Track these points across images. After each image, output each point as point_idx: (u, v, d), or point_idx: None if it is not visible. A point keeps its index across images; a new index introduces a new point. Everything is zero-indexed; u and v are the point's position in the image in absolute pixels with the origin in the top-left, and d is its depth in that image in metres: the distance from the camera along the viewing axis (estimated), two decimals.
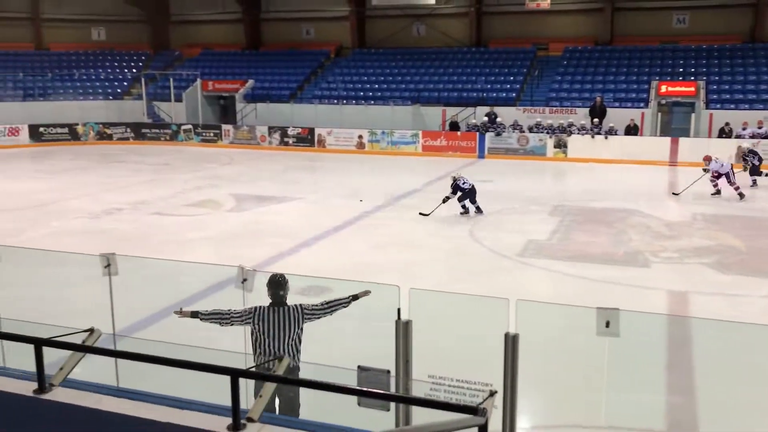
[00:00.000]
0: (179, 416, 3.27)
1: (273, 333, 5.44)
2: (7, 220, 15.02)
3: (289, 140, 28.49)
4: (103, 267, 5.41)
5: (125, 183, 20.14)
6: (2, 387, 3.86)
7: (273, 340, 5.43)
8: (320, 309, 5.73)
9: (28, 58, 34.10)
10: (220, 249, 12.84)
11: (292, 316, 5.53)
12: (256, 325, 5.48)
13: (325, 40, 34.33)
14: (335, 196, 18.06)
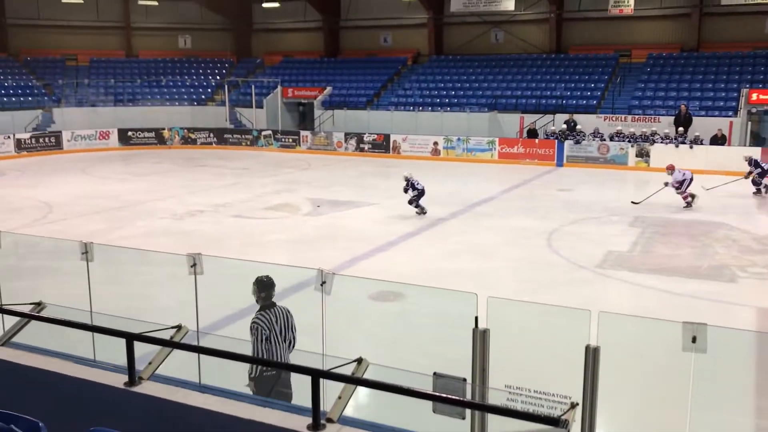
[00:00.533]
0: (261, 414, 3.36)
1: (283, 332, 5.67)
2: (98, 220, 15.77)
3: (364, 146, 28.77)
4: (189, 266, 5.61)
5: (207, 186, 20.81)
6: (94, 379, 4.07)
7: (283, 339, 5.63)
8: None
9: (119, 65, 35.72)
10: (296, 252, 13.09)
11: (286, 313, 5.83)
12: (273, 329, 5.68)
13: (403, 47, 34.51)
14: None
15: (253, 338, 5.66)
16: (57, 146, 29.01)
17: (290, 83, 33.43)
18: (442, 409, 3.87)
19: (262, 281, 5.80)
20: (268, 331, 5.69)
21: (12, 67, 33.62)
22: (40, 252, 10.94)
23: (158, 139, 31.28)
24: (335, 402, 3.39)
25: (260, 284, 5.79)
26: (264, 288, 5.79)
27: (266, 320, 5.71)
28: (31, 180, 22.00)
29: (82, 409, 3.93)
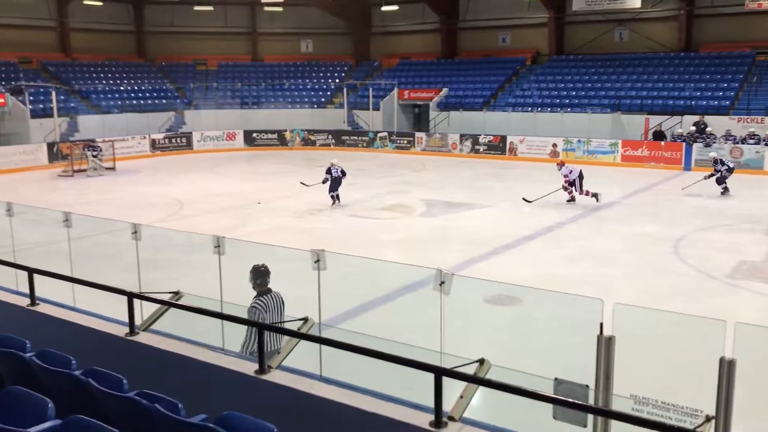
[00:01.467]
0: (384, 408, 3.43)
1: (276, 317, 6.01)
2: (224, 216, 16.59)
3: (480, 148, 28.56)
4: (313, 262, 5.80)
5: (326, 186, 21.34)
6: (226, 365, 4.30)
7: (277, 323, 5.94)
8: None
9: (246, 69, 37.38)
10: (410, 252, 13.19)
11: (280, 299, 6.18)
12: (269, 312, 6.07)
13: (522, 47, 33.98)
14: (527, 204, 17.80)
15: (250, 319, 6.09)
16: (188, 146, 30.76)
17: (406, 85, 33.74)
18: (563, 415, 3.79)
19: (258, 269, 6.27)
20: (265, 314, 6.08)
21: (149, 72, 35.99)
22: (174, 245, 11.65)
23: (280, 140, 32.47)
24: (457, 401, 3.41)
25: (257, 272, 6.27)
26: (260, 275, 6.25)
27: (263, 305, 6.11)
28: (164, 178, 23.45)
29: (215, 393, 4.17)
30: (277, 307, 6.20)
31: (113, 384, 3.71)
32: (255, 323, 5.53)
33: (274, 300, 6.24)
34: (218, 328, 6.46)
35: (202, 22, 36.97)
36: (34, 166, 25.17)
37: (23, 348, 4.39)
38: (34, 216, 12.38)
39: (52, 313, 5.52)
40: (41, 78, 31.46)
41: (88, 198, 19.35)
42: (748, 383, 4.19)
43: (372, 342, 4.20)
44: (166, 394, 3.65)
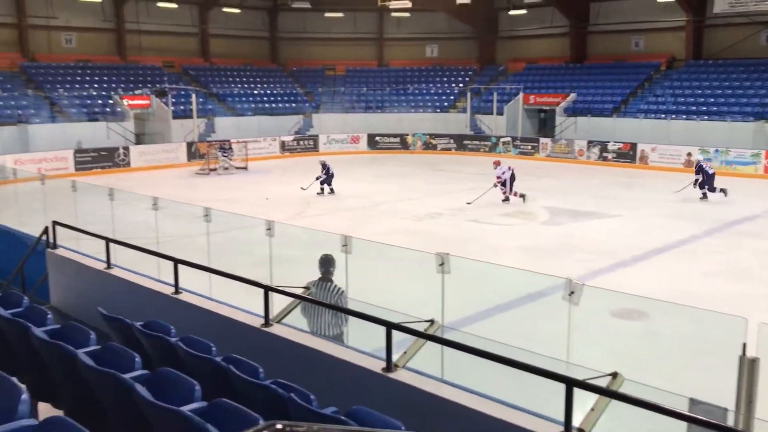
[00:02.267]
0: (512, 415, 3.42)
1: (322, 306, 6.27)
2: (348, 217, 17.01)
3: (608, 155, 27.58)
4: (437, 264, 5.85)
5: (446, 190, 21.41)
6: (355, 361, 4.42)
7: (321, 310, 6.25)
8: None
9: (372, 74, 38.13)
10: (531, 260, 12.95)
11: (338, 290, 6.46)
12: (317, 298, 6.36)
13: (656, 52, 32.49)
14: (657, 215, 17.02)
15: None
16: (314, 148, 31.78)
17: (532, 90, 33.16)
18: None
19: (322, 258, 6.62)
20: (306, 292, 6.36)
21: (280, 77, 37.52)
22: (301, 242, 12.08)
23: (402, 144, 32.85)
24: (588, 414, 3.34)
25: (321, 260, 6.62)
26: (322, 264, 6.59)
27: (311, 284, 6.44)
28: (292, 178, 24.34)
29: (343, 387, 4.30)
30: (325, 296, 6.42)
31: (250, 371, 3.91)
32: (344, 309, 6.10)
33: (326, 289, 6.49)
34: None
35: (332, 28, 38.07)
36: (175, 164, 26.90)
37: (169, 333, 4.72)
38: (174, 210, 13.24)
39: (194, 302, 5.89)
40: (182, 81, 33.57)
41: (220, 195, 20.43)
42: None
43: (496, 347, 4.18)
44: (297, 385, 3.81)
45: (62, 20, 31.29)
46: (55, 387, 3.74)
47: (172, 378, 3.48)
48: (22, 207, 14.01)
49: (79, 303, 7.25)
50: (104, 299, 6.53)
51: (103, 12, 32.46)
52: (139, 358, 3.80)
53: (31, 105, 27.57)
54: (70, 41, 32.24)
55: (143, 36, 33.67)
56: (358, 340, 6.63)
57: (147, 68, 33.30)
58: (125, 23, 33.28)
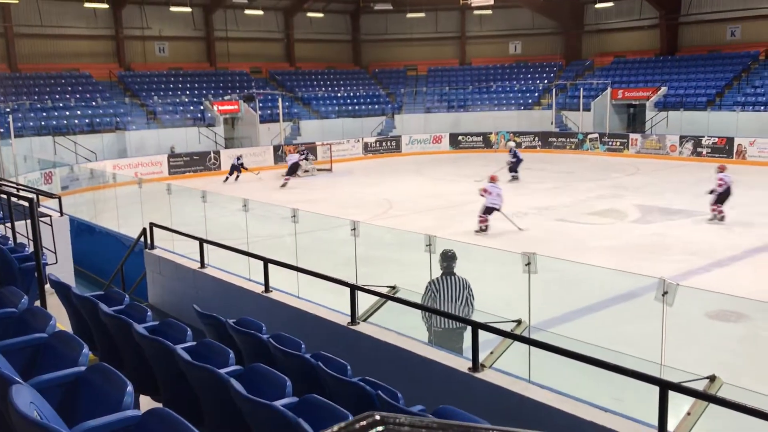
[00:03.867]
0: (603, 418, 3.34)
1: (454, 296, 6.66)
2: (430, 217, 17.01)
3: (702, 150, 26.42)
4: (524, 264, 5.77)
5: (531, 189, 21.06)
6: (442, 361, 4.43)
7: (453, 300, 6.60)
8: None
9: (453, 73, 37.95)
10: (621, 260, 12.56)
11: (463, 282, 6.79)
12: (441, 291, 6.72)
13: (754, 41, 30.84)
14: (756, 213, 16.17)
15: (425, 296, 6.76)
16: (396, 149, 31.95)
17: (620, 84, 32.15)
18: None
19: (444, 253, 6.86)
20: (437, 292, 6.73)
21: (363, 79, 37.91)
22: (385, 242, 12.20)
23: (485, 143, 32.54)
24: (684, 418, 3.22)
25: (442, 256, 6.83)
26: (443, 259, 6.82)
27: (435, 285, 6.78)
28: (375, 179, 24.57)
29: (429, 386, 4.31)
30: (454, 290, 6.73)
31: (338, 368, 3.99)
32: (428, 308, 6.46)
33: (453, 283, 6.76)
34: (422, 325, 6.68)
35: (413, 28, 38.16)
36: (263, 167, 27.65)
37: (260, 330, 4.87)
38: (262, 212, 13.62)
39: (283, 300, 6.05)
40: (269, 86, 34.47)
41: (307, 196, 20.85)
42: None
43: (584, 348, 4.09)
44: (384, 383, 3.85)
45: (155, 30, 32.74)
46: (156, 381, 3.93)
47: (264, 374, 3.59)
48: (121, 210, 14.74)
49: (175, 301, 7.58)
50: (198, 297, 6.81)
51: (193, 21, 33.74)
52: (233, 354, 3.94)
53: (128, 112, 28.99)
54: (163, 50, 33.69)
55: (231, 43, 34.79)
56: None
57: (235, 74, 34.38)
58: (214, 31, 34.48)
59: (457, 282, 6.74)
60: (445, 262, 6.83)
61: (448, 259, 6.83)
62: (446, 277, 6.77)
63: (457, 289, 6.68)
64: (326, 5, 37.46)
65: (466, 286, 6.72)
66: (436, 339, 6.50)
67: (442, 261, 6.84)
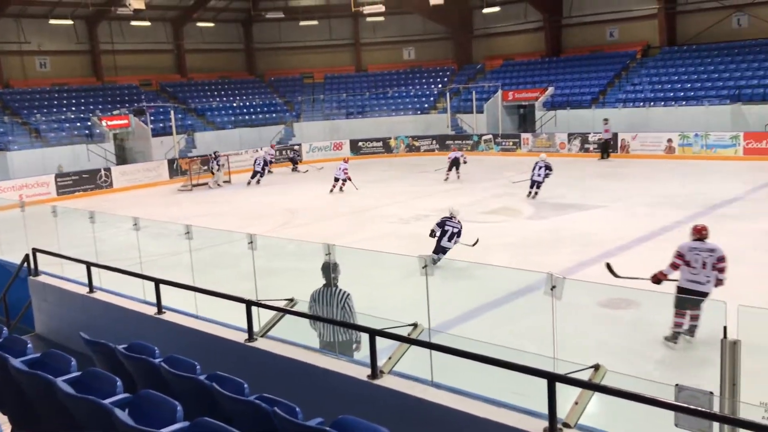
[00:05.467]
0: (496, 413, 3.41)
1: (326, 309, 6.42)
2: (334, 224, 16.99)
3: (589, 146, 27.72)
4: (420, 267, 5.84)
5: (431, 191, 21.44)
6: (341, 370, 4.40)
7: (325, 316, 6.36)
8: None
9: (350, 80, 38.14)
10: (519, 256, 13.00)
11: (341, 296, 6.48)
12: (315, 304, 6.50)
13: (631, 41, 32.71)
14: (640, 204, 17.11)
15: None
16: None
17: (510, 86, 33.28)
18: (686, 422, 3.63)
19: (326, 265, 6.61)
20: (314, 303, 6.56)
21: (259, 88, 37.46)
22: (286, 253, 12.05)
23: (385, 147, 32.88)
24: (572, 407, 3.34)
25: (323, 267, 6.62)
26: (325, 270, 6.62)
27: (316, 294, 6.59)
28: (277, 188, 24.30)
29: (329, 397, 4.28)
30: (329, 303, 6.50)
31: (235, 388, 3.89)
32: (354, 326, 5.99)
33: (331, 296, 6.54)
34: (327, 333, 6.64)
35: (307, 36, 38.07)
36: (157, 182, 26.77)
37: (153, 354, 4.68)
38: (157, 229, 13.16)
39: (177, 321, 5.85)
40: (160, 98, 33.43)
41: (207, 210, 20.35)
42: None
43: (481, 347, 4.18)
44: (283, 398, 3.79)
45: (34, 45, 31.11)
46: (37, 416, 3.70)
47: (154, 400, 3.45)
48: (3, 236, 13.87)
49: (63, 329, 7.20)
50: (88, 324, 6.48)
51: (76, 34, 32.30)
52: (121, 382, 3.76)
53: (8, 131, 27.36)
54: (45, 65, 32.05)
55: (118, 56, 33.54)
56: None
57: (124, 88, 33.16)
58: (99, 44, 33.12)
59: (334, 295, 6.52)
60: (326, 273, 6.63)
61: (328, 270, 6.62)
62: (326, 288, 6.58)
63: (335, 303, 6.46)
64: (216, 15, 36.79)
65: (342, 299, 6.49)
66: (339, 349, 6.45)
67: (323, 272, 6.65)
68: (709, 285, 7.73)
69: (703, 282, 7.69)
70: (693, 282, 7.79)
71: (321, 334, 6.60)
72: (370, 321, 4.49)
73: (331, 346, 6.36)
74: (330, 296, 6.54)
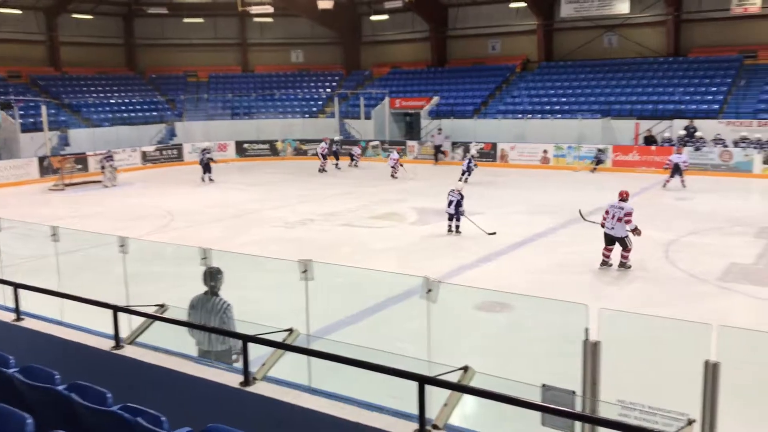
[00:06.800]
0: (368, 417, 3.42)
1: (205, 319, 6.17)
2: (216, 228, 16.55)
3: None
4: (300, 272, 5.78)
5: (318, 196, 21.37)
6: (212, 378, 4.27)
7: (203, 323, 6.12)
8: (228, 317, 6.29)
9: (236, 80, 37.41)
10: (402, 261, 13.19)
11: (220, 306, 6.23)
12: (193, 311, 6.27)
13: (511, 55, 34.13)
14: (517, 212, 17.83)
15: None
16: (179, 158, 30.73)
17: (398, 94, 33.81)
18: (551, 421, 3.78)
19: (209, 272, 6.38)
20: (192, 309, 6.29)
21: (139, 85, 35.99)
22: (163, 258, 11.61)
23: (272, 150, 32.48)
24: (441, 409, 3.40)
25: (205, 275, 6.39)
26: (206, 278, 6.37)
27: (195, 302, 6.33)
28: (156, 190, 23.40)
29: (199, 406, 4.14)
30: (210, 310, 6.26)
31: (97, 398, 3.68)
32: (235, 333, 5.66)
33: (211, 305, 6.29)
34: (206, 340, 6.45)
35: (192, 34, 37.01)
36: (26, 181, 25.09)
37: (6, 364, 4.35)
38: (24, 231, 12.32)
39: (38, 328, 5.48)
40: (31, 92, 31.40)
41: (80, 211, 19.28)
42: (734, 387, 4.19)
43: (358, 352, 4.19)
44: (150, 408, 3.62)
45: None
46: None
47: (2, 413, 3.20)
48: None
49: None
50: None
51: None
52: None
53: None
54: None
55: None
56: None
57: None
58: None
59: (214, 304, 6.26)
60: (206, 281, 6.34)
61: (209, 278, 6.34)
62: (206, 296, 6.31)
63: (213, 311, 6.20)
64: (95, 6, 35.05)
65: (221, 309, 6.23)
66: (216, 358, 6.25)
67: (204, 280, 6.38)
68: (615, 231, 11.79)
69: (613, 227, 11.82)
70: (610, 229, 11.86)
71: (199, 342, 6.38)
72: (245, 327, 4.39)
73: (209, 355, 6.17)
74: (209, 305, 6.31)
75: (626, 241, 11.77)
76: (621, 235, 11.72)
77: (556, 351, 7.72)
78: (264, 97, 35.89)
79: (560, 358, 7.55)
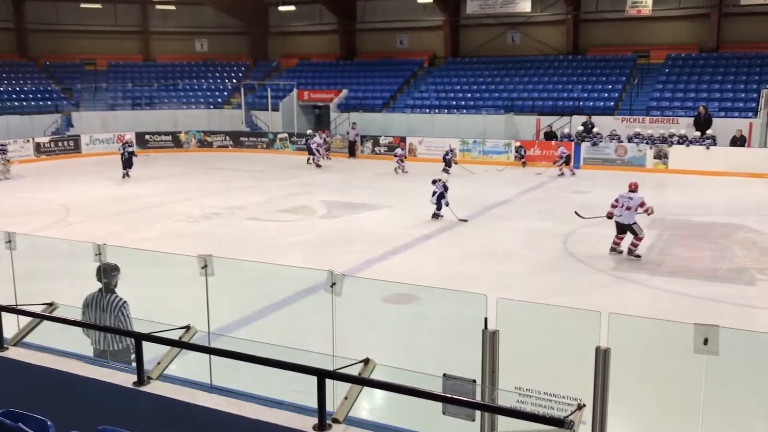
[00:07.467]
0: (268, 414, 3.36)
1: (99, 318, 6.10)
2: (115, 222, 15.90)
3: (380, 149, 28.76)
4: (200, 268, 5.61)
5: (223, 189, 20.92)
6: (104, 378, 4.09)
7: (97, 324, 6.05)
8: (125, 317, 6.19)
9: (137, 69, 36.02)
10: (311, 254, 13.12)
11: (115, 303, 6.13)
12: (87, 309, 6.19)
13: (419, 50, 34.50)
14: (426, 205, 18.04)
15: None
16: (76, 150, 29.31)
17: (306, 86, 33.52)
18: (451, 410, 3.84)
19: (103, 268, 6.20)
20: (86, 308, 6.20)
21: (31, 72, 34.03)
22: (56, 254, 11.04)
23: (175, 142, 31.52)
24: (341, 402, 3.38)
25: (99, 271, 6.18)
26: (100, 274, 6.19)
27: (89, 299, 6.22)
28: (50, 183, 22.25)
29: (90, 408, 3.95)
30: (105, 308, 6.10)
31: None
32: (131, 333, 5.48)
33: (106, 303, 6.12)
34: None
35: (89, 20, 35.34)
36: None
37: None
38: None
39: None
40: None
41: None
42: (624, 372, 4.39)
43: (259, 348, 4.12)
44: (36, 412, 3.42)
45: None
46: None
47: None
48: None
49: None
50: None
51: None
52: None
53: None
54: None
55: None
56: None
57: None
58: None
59: (109, 301, 6.06)
60: (100, 278, 6.12)
61: (102, 274, 6.12)
62: (101, 294, 6.09)
63: (109, 310, 6.01)
64: None
65: (116, 306, 6.05)
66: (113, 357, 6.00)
67: (98, 276, 6.14)
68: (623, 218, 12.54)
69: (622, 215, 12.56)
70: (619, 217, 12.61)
71: (95, 341, 6.11)
72: (141, 325, 4.22)
73: (105, 354, 5.91)
74: (104, 302, 6.05)
75: (636, 228, 12.46)
76: (629, 222, 12.48)
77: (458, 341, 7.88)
78: (167, 87, 34.74)
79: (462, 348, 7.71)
